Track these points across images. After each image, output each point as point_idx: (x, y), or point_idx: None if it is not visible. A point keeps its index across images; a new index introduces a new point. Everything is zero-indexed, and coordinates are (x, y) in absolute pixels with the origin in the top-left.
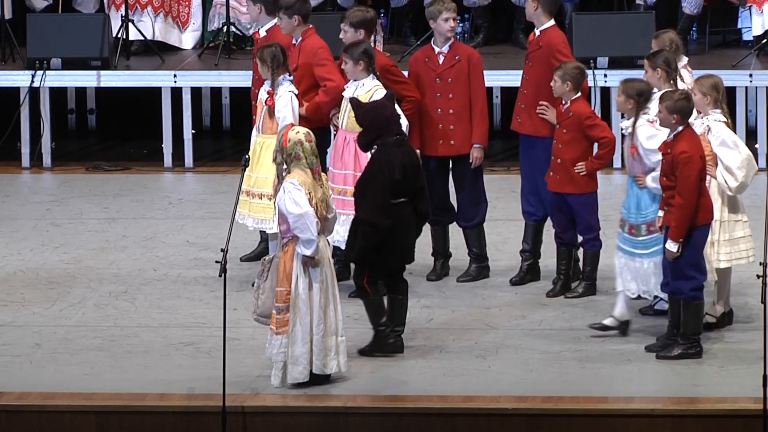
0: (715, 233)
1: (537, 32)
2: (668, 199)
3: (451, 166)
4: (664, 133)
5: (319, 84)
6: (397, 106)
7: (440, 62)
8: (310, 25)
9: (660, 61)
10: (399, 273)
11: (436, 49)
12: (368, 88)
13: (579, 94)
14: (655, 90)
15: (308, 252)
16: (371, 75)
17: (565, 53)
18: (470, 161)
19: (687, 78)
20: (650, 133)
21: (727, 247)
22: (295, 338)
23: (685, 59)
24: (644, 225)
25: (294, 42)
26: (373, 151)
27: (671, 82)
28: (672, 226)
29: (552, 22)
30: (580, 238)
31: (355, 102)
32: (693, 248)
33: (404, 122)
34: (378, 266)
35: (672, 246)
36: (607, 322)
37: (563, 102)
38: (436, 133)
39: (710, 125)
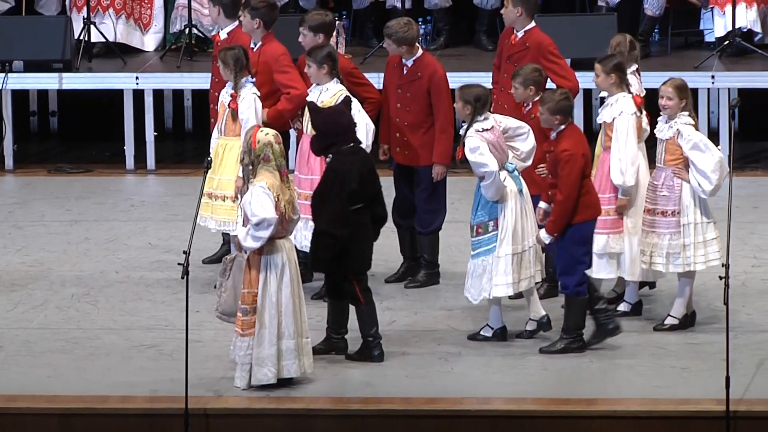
0: (689, 236)
1: (520, 33)
2: (552, 197)
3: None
4: (485, 148)
5: (281, 90)
6: (362, 111)
7: (403, 73)
8: (270, 31)
9: (611, 66)
10: (353, 280)
11: (403, 60)
12: (332, 93)
13: (540, 95)
14: (606, 94)
15: (244, 248)
16: (335, 79)
17: (556, 53)
18: (432, 176)
19: (635, 84)
20: (474, 144)
21: (701, 249)
22: (262, 340)
23: (634, 65)
24: (474, 226)
25: (252, 46)
26: (328, 160)
27: (623, 87)
28: (550, 220)
29: (534, 23)
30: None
31: (312, 106)
32: (579, 244)
33: (371, 126)
34: (362, 273)
35: (545, 237)
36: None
37: (525, 105)
38: (395, 139)
39: (680, 128)
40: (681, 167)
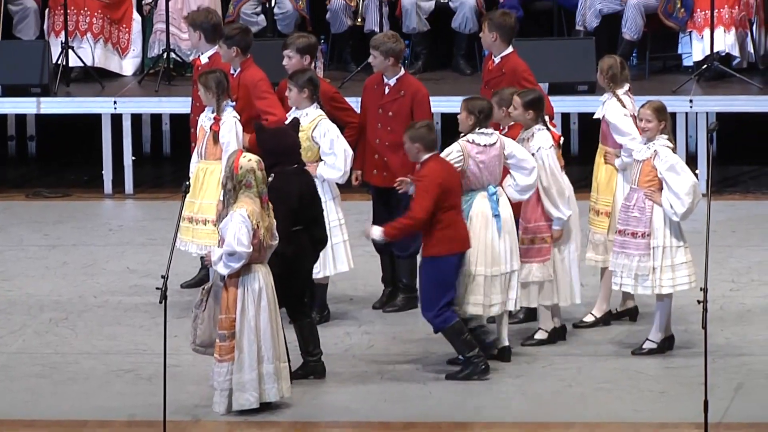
0: (657, 259)
1: (497, 59)
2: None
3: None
4: (456, 155)
5: (261, 116)
6: (341, 137)
7: (385, 93)
8: (249, 56)
9: (529, 100)
10: (302, 299)
11: (385, 80)
12: (312, 118)
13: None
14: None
15: (217, 271)
16: (315, 104)
17: (531, 80)
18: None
19: (629, 104)
20: (450, 150)
21: (669, 272)
22: (242, 365)
23: (627, 85)
24: None
25: (232, 72)
26: (270, 179)
27: (539, 121)
28: (391, 224)
29: (511, 48)
30: None
31: (258, 126)
32: (435, 280)
33: (349, 152)
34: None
35: (376, 233)
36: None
37: (501, 128)
38: (373, 161)
39: (657, 149)
40: (654, 189)
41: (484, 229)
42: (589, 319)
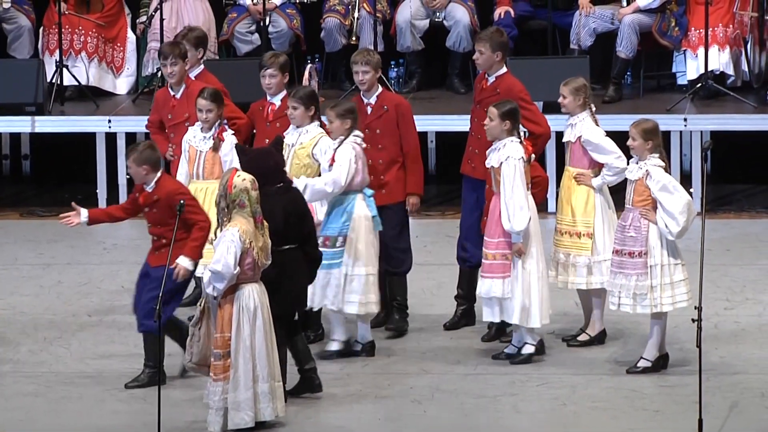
0: (656, 277)
1: (491, 78)
2: None
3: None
4: (350, 159)
5: (229, 122)
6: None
7: (368, 113)
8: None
9: (505, 111)
10: (292, 318)
11: (365, 100)
12: (312, 135)
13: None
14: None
15: (209, 290)
16: (316, 122)
17: (527, 99)
18: (407, 208)
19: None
20: (342, 152)
21: (668, 290)
22: (237, 384)
23: (593, 105)
24: (323, 238)
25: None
26: None
27: (515, 133)
28: (191, 245)
29: (505, 68)
30: None
31: (239, 148)
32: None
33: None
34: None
35: (184, 262)
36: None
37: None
38: (370, 183)
39: (649, 170)
40: (648, 208)
41: (366, 230)
42: (583, 338)
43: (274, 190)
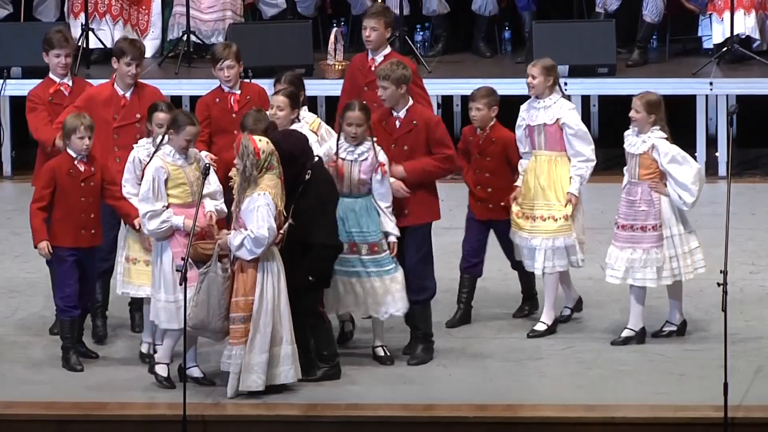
0: (673, 248)
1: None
2: None
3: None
4: None
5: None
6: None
7: (396, 126)
8: None
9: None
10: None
11: (394, 112)
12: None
13: (495, 120)
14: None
15: (244, 255)
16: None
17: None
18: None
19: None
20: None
21: (688, 258)
22: (253, 346)
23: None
24: (370, 245)
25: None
26: (307, 177)
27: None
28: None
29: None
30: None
31: (272, 131)
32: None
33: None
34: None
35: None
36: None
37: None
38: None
39: (655, 143)
40: (657, 181)
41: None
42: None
43: (318, 163)
